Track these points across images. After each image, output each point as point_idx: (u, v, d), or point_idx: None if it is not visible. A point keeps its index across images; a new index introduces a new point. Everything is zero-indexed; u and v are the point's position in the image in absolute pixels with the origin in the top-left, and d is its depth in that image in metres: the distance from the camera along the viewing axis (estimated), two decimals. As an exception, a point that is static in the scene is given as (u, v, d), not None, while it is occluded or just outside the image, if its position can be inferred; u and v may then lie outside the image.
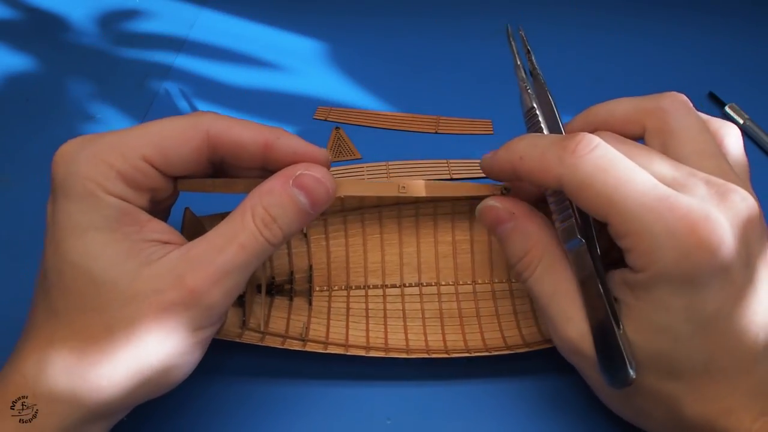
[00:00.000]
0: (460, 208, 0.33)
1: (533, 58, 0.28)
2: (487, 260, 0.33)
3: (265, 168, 0.25)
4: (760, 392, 0.21)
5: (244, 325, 0.29)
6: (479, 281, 0.33)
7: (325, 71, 0.49)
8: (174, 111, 0.45)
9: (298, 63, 0.50)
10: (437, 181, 0.27)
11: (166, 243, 0.23)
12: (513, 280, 0.33)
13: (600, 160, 0.21)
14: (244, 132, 0.24)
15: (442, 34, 0.52)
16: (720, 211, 0.20)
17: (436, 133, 0.43)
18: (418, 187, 0.26)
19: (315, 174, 0.23)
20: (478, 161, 0.27)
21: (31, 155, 0.42)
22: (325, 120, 0.44)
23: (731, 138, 0.25)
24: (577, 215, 0.24)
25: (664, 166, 0.22)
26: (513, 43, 0.29)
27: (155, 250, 0.22)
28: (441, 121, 0.44)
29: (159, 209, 0.26)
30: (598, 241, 0.24)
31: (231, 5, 0.56)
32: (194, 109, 0.45)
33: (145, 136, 0.23)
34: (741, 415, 0.21)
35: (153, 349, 0.21)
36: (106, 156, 0.22)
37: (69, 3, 0.56)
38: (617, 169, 0.21)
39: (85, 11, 0.55)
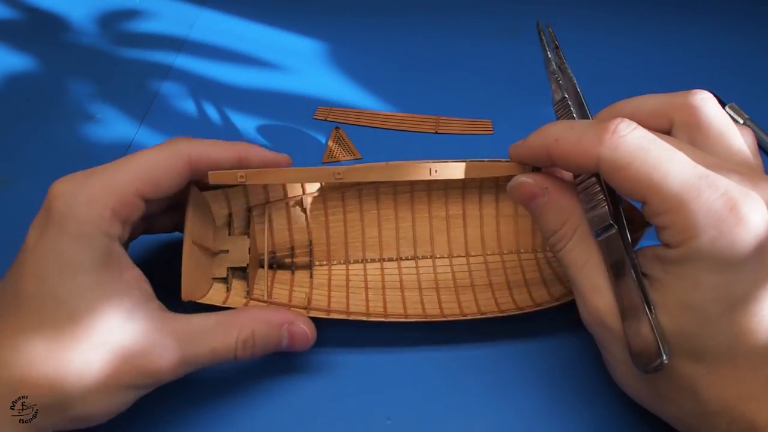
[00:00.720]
0: (452, 184, 0.34)
1: (561, 53, 0.29)
2: (479, 234, 0.34)
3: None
4: None
5: (248, 294, 0.30)
6: (472, 254, 0.34)
7: (325, 71, 0.49)
8: (174, 111, 0.45)
9: (298, 63, 0.50)
10: (470, 161, 0.28)
11: (137, 298, 0.24)
12: (504, 252, 0.34)
13: (640, 140, 0.21)
14: (220, 153, 0.27)
15: (442, 34, 0.52)
16: (757, 193, 0.21)
17: (436, 133, 0.43)
18: (451, 169, 0.27)
19: (305, 329, 0.27)
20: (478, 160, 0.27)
21: (31, 155, 0.42)
22: (325, 120, 0.44)
23: (747, 139, 0.25)
24: (609, 203, 0.24)
25: (697, 155, 0.22)
26: (543, 37, 0.29)
27: (134, 306, 0.24)
28: (441, 121, 0.44)
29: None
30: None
31: (231, 5, 0.56)
32: (200, 107, 0.45)
33: (135, 170, 0.25)
34: (762, 402, 0.21)
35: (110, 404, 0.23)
36: (105, 198, 0.24)
37: (69, 3, 0.56)
38: (657, 148, 0.21)
39: (85, 11, 0.55)
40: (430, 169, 0.26)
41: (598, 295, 0.23)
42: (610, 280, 0.23)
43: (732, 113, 0.44)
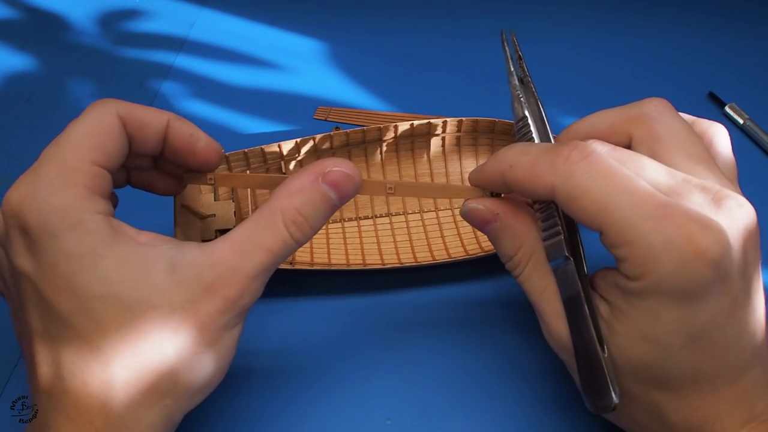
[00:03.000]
0: (419, 144, 0.38)
1: (524, 64, 0.28)
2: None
3: (166, 150, 0.25)
4: (746, 400, 0.21)
5: None
6: (441, 207, 0.38)
7: (325, 71, 0.49)
8: (174, 111, 0.45)
9: (298, 63, 0.50)
10: (425, 183, 0.30)
11: (175, 243, 0.22)
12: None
13: (595, 168, 0.20)
14: (145, 112, 0.24)
15: (442, 34, 0.52)
16: (718, 220, 0.20)
17: (436, 133, 0.43)
18: (406, 188, 0.27)
19: (344, 170, 0.23)
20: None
21: (31, 155, 0.41)
22: (325, 120, 0.44)
23: (720, 138, 0.25)
24: (565, 231, 0.23)
25: (659, 173, 0.21)
26: (507, 49, 0.28)
27: (172, 253, 0.21)
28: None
29: None
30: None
31: (231, 5, 0.56)
32: (200, 107, 0.45)
33: (78, 142, 0.22)
34: (726, 422, 0.21)
35: (208, 361, 0.21)
36: (67, 178, 0.21)
37: (69, 3, 0.56)
38: (612, 176, 0.20)
39: (85, 11, 0.55)
40: (387, 186, 0.26)
41: (560, 320, 0.23)
42: (566, 314, 0.23)
43: (732, 113, 0.44)
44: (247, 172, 0.35)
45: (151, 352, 0.20)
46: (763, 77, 0.48)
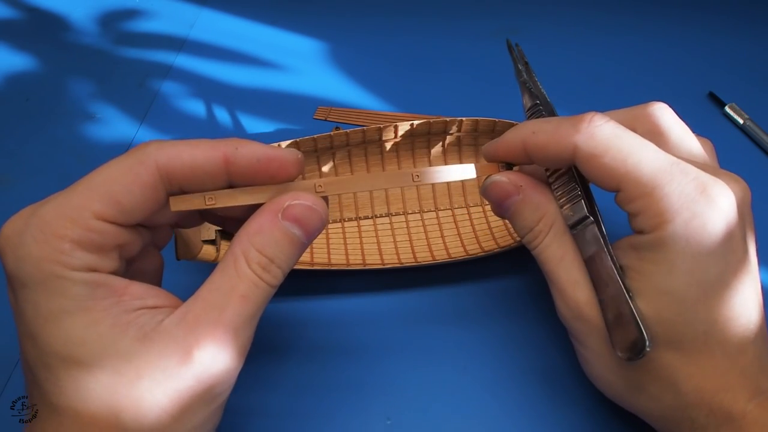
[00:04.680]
0: (419, 144, 0.37)
1: (531, 68, 0.30)
2: (446, 189, 0.38)
3: (233, 185, 0.22)
4: (753, 373, 0.22)
5: None
6: (441, 208, 0.38)
7: (325, 71, 0.49)
8: (174, 111, 0.45)
9: (298, 63, 0.50)
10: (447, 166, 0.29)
11: (153, 308, 0.21)
12: (470, 205, 0.38)
13: (615, 129, 0.22)
14: (196, 153, 0.21)
15: (442, 34, 0.52)
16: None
17: (436, 133, 0.43)
18: (430, 174, 0.25)
19: (304, 202, 0.22)
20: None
21: (31, 155, 0.42)
22: (325, 120, 0.44)
23: (707, 148, 0.26)
24: (584, 196, 0.24)
25: (663, 150, 0.23)
26: (514, 52, 0.30)
27: (145, 320, 0.20)
28: (441, 121, 0.44)
29: (145, 258, 0.24)
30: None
31: (231, 5, 0.56)
32: (200, 107, 0.45)
33: (89, 190, 0.20)
34: (737, 393, 0.21)
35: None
36: (55, 227, 0.19)
37: (69, 3, 0.56)
38: (630, 137, 0.22)
39: (85, 11, 0.55)
40: (413, 175, 0.24)
41: (576, 287, 0.24)
42: (586, 272, 0.24)
43: (732, 113, 0.44)
44: (321, 180, 0.32)
45: (109, 420, 0.19)
46: (763, 77, 0.48)
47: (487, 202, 0.37)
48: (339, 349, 0.31)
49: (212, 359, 0.20)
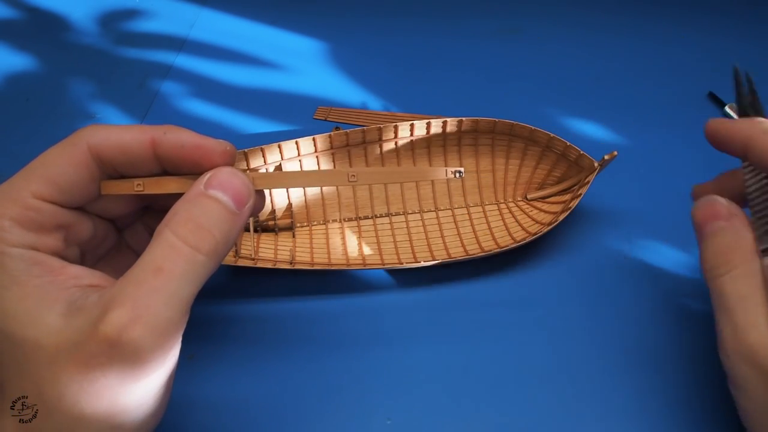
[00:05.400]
0: (419, 144, 0.37)
1: (758, 100, 0.28)
2: (446, 189, 0.38)
3: (168, 173, 0.23)
4: None
5: (236, 254, 0.33)
6: (441, 208, 0.38)
7: (325, 71, 0.49)
8: (174, 111, 0.45)
9: (298, 63, 0.50)
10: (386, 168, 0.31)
11: (88, 287, 0.21)
12: (471, 205, 0.38)
13: None
14: (125, 135, 0.22)
15: (442, 34, 0.52)
16: None
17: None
18: (367, 175, 0.25)
19: (225, 170, 0.22)
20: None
21: (31, 155, 0.41)
22: (325, 120, 0.44)
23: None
24: None
25: None
26: (741, 83, 0.28)
27: (76, 298, 0.20)
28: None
29: (121, 258, 0.26)
30: None
31: (231, 5, 0.56)
32: (200, 107, 0.45)
33: (29, 172, 0.22)
34: None
35: (92, 412, 0.19)
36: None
37: (69, 3, 0.56)
38: None
39: (85, 11, 0.55)
40: (348, 175, 0.24)
41: (753, 330, 0.22)
42: None
43: (732, 113, 0.44)
44: (247, 172, 0.34)
45: (34, 393, 0.19)
46: (763, 77, 0.47)
47: (487, 203, 0.37)
48: (338, 349, 0.31)
49: (118, 335, 0.19)
